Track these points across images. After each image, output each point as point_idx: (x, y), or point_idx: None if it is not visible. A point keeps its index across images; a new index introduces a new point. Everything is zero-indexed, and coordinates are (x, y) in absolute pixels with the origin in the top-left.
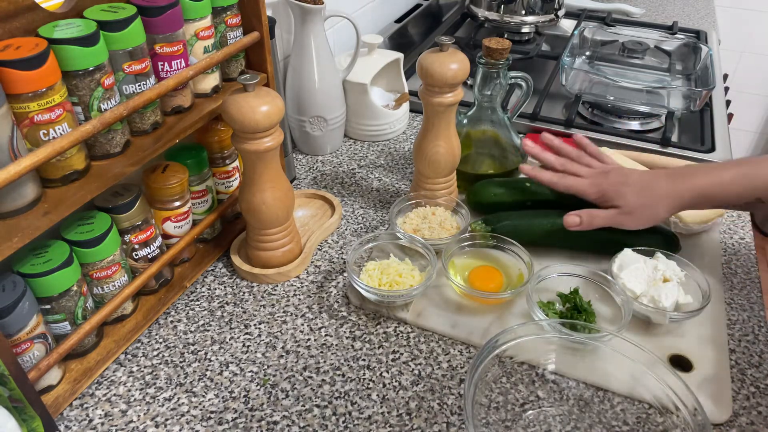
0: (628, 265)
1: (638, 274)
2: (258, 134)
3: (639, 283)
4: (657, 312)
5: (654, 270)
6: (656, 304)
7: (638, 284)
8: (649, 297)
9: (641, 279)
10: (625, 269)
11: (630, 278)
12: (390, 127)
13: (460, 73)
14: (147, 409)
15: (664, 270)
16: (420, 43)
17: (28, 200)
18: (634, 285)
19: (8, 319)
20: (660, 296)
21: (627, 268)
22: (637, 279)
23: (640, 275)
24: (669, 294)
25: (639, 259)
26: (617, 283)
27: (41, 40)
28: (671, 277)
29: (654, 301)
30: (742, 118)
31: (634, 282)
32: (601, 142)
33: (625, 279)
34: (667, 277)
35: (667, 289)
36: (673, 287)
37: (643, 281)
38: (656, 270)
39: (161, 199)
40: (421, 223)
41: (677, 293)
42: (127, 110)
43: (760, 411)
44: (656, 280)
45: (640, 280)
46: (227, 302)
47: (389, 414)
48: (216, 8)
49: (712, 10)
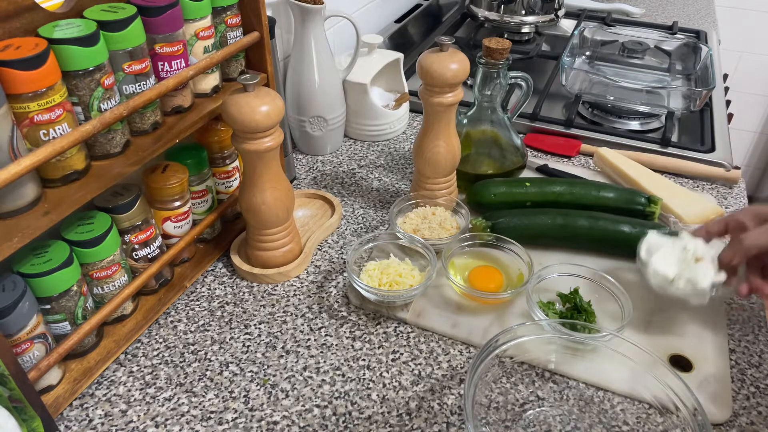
0: (657, 249)
1: (668, 257)
2: (258, 134)
3: (671, 265)
4: (696, 294)
5: (683, 251)
6: (695, 286)
7: (670, 267)
8: (685, 279)
9: (672, 261)
10: (655, 253)
11: (661, 262)
12: (390, 127)
13: (460, 73)
14: (147, 409)
15: (695, 249)
16: (420, 43)
17: (28, 200)
18: (667, 269)
19: (8, 319)
20: (697, 277)
21: (656, 253)
22: (668, 262)
23: (670, 258)
24: (706, 273)
25: (667, 242)
26: (648, 269)
27: (41, 40)
28: (703, 255)
29: (692, 283)
30: (742, 118)
31: (666, 265)
32: (601, 142)
33: (656, 264)
34: (699, 256)
35: (704, 269)
36: (708, 266)
37: (674, 264)
38: (686, 250)
39: (161, 199)
40: (421, 223)
41: (713, 272)
42: (127, 110)
43: (760, 411)
44: (688, 261)
45: (671, 263)
46: (227, 302)
47: (389, 414)
48: (216, 8)
49: (712, 10)
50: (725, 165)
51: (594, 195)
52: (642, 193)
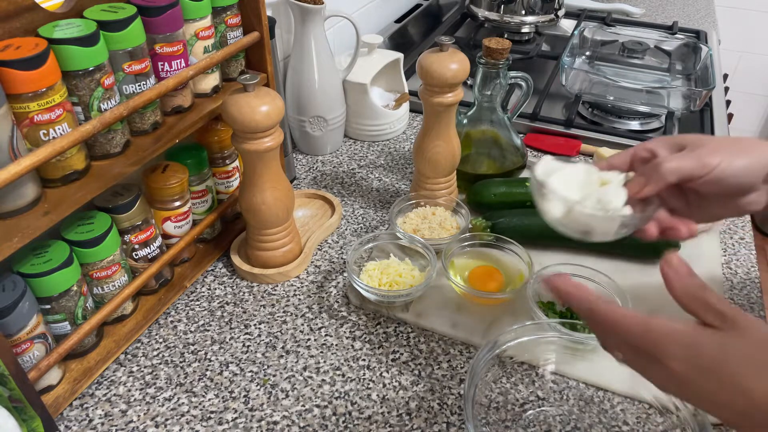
0: (555, 171)
1: (569, 179)
2: (258, 134)
3: (573, 188)
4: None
5: (587, 173)
6: (605, 206)
7: (572, 190)
8: (594, 200)
9: (574, 185)
10: (553, 175)
11: (561, 183)
12: (390, 127)
13: (460, 73)
14: (147, 409)
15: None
16: (420, 43)
17: (28, 200)
18: (568, 190)
19: (8, 319)
20: (608, 197)
21: (554, 174)
22: (570, 184)
23: (571, 180)
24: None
25: (565, 166)
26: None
27: (41, 40)
28: (609, 179)
29: (602, 203)
30: (742, 118)
31: (568, 187)
32: (601, 142)
33: (555, 184)
34: (605, 179)
35: (613, 190)
36: (618, 188)
37: (576, 187)
38: (589, 173)
39: (161, 199)
40: (421, 223)
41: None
42: (127, 110)
43: None
44: (592, 183)
45: (573, 186)
46: (227, 302)
47: (389, 414)
48: (216, 8)
49: (712, 10)
50: None
51: None
52: None
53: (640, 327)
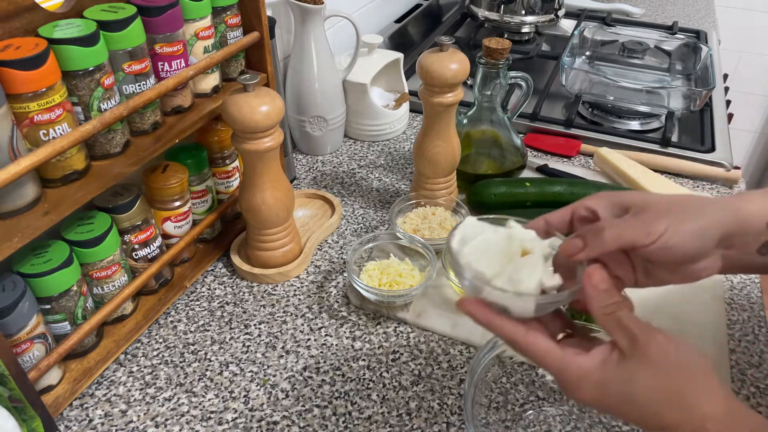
0: (474, 237)
1: (488, 248)
2: (258, 134)
3: (490, 260)
4: (519, 297)
5: (508, 240)
6: (516, 286)
7: (489, 263)
8: (506, 277)
9: (493, 254)
10: (469, 243)
11: (477, 254)
12: (390, 127)
13: (460, 73)
14: (147, 409)
15: (522, 239)
16: (420, 43)
17: (28, 200)
18: (484, 264)
19: (8, 319)
20: (521, 275)
21: (472, 241)
22: (487, 255)
23: (490, 249)
24: (532, 271)
25: (486, 228)
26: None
27: (41, 40)
28: (532, 248)
29: (513, 282)
30: (742, 118)
31: (484, 259)
32: (601, 142)
33: (469, 256)
34: (527, 248)
35: (529, 265)
36: (536, 261)
37: (495, 258)
38: (510, 240)
39: (161, 199)
40: (421, 223)
41: (542, 270)
42: (127, 110)
43: (760, 411)
44: (512, 254)
45: (491, 257)
46: (227, 302)
47: (389, 414)
48: (216, 8)
49: (712, 10)
50: (725, 165)
51: None
52: None
53: (556, 366)
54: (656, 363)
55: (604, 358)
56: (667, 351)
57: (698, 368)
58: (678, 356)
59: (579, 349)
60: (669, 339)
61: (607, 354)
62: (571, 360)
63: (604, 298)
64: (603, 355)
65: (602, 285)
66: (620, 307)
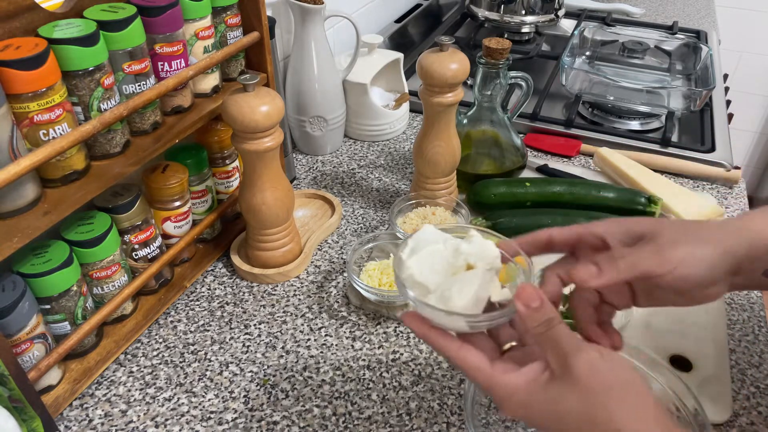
0: (422, 248)
1: (433, 261)
2: (258, 134)
3: (434, 274)
4: (448, 316)
5: (455, 254)
6: (446, 304)
7: (432, 276)
8: (439, 294)
9: (437, 268)
10: (416, 254)
11: (421, 266)
12: (390, 127)
13: (460, 73)
14: (147, 409)
15: (468, 253)
16: (420, 43)
17: (28, 200)
18: (427, 277)
19: (8, 319)
20: (452, 292)
21: (421, 251)
22: (431, 268)
23: (435, 262)
24: (464, 288)
25: (439, 239)
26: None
27: (41, 40)
28: (476, 263)
29: (444, 300)
30: (742, 118)
31: (427, 272)
32: (601, 142)
33: (414, 269)
34: (471, 263)
35: (464, 282)
36: (473, 277)
37: (439, 271)
38: (457, 254)
39: (161, 199)
40: (421, 223)
41: (477, 286)
42: (127, 110)
43: (760, 411)
44: (456, 268)
45: (435, 270)
46: (227, 302)
47: (389, 414)
48: (216, 8)
49: (712, 10)
50: (725, 165)
51: (594, 195)
52: (642, 193)
53: (483, 382)
54: (583, 384)
55: (533, 377)
56: (596, 371)
57: (629, 389)
58: (608, 376)
59: (513, 365)
60: (602, 358)
61: (537, 373)
62: (499, 378)
63: (536, 317)
64: (532, 374)
65: (533, 303)
66: (552, 325)
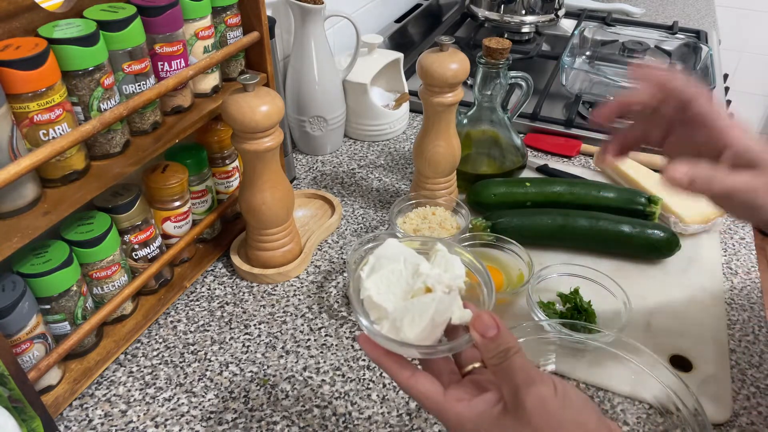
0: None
1: (392, 282)
2: (258, 134)
3: (392, 296)
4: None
5: (414, 276)
6: (397, 333)
7: (390, 299)
8: (391, 321)
9: (396, 290)
10: (376, 273)
11: (380, 287)
12: (390, 127)
13: (460, 73)
14: (147, 409)
15: (427, 275)
16: (420, 43)
17: (28, 200)
18: (385, 297)
19: (8, 319)
20: (404, 321)
21: (378, 272)
22: (390, 289)
23: (393, 284)
24: (419, 316)
25: (400, 257)
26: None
27: (41, 40)
28: (434, 286)
29: (395, 329)
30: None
31: (385, 293)
32: (602, 142)
33: (372, 290)
34: (429, 286)
35: (419, 308)
36: (430, 302)
37: (397, 294)
38: (417, 276)
39: (161, 199)
40: (421, 223)
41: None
42: (127, 110)
43: (760, 411)
44: (415, 291)
45: (394, 291)
46: (227, 302)
47: (389, 414)
48: (216, 8)
49: (712, 10)
50: None
51: (594, 195)
52: (642, 193)
53: (434, 410)
54: (533, 422)
55: (484, 409)
56: (546, 409)
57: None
58: (559, 415)
59: (467, 393)
60: (554, 395)
61: (490, 405)
62: (450, 406)
63: (491, 347)
64: (484, 406)
65: (489, 332)
66: (508, 356)
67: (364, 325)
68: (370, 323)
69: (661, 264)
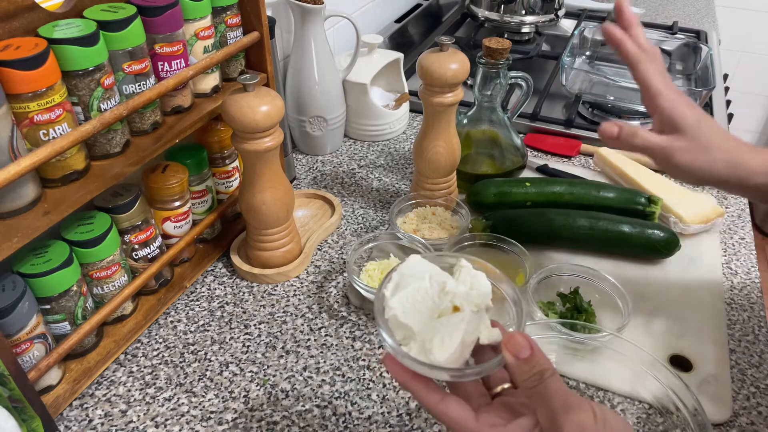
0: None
1: (418, 301)
2: (258, 134)
3: (419, 315)
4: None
5: (441, 294)
6: (427, 355)
7: (417, 318)
8: (419, 343)
9: (422, 309)
10: (401, 291)
11: (406, 306)
12: (390, 127)
13: (460, 73)
14: (147, 409)
15: (455, 293)
16: (420, 43)
17: (28, 200)
18: (412, 317)
19: (8, 319)
20: (434, 342)
21: (406, 289)
22: (416, 308)
23: (419, 302)
24: (449, 337)
25: (425, 274)
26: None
27: (41, 40)
28: (463, 305)
29: (425, 351)
30: (742, 118)
31: (411, 313)
32: (601, 142)
33: (397, 309)
34: (457, 305)
35: (449, 328)
36: (459, 323)
37: (424, 313)
38: (444, 294)
39: (161, 199)
40: (421, 223)
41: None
42: (127, 110)
43: (760, 411)
44: (442, 310)
45: (420, 311)
46: (227, 302)
47: (389, 414)
48: (216, 8)
49: (712, 10)
50: None
51: (594, 195)
52: (642, 193)
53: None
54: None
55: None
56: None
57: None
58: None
59: (501, 418)
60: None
61: (526, 431)
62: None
63: (526, 369)
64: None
65: (523, 353)
66: (543, 378)
67: (391, 345)
68: (397, 344)
69: (661, 264)
